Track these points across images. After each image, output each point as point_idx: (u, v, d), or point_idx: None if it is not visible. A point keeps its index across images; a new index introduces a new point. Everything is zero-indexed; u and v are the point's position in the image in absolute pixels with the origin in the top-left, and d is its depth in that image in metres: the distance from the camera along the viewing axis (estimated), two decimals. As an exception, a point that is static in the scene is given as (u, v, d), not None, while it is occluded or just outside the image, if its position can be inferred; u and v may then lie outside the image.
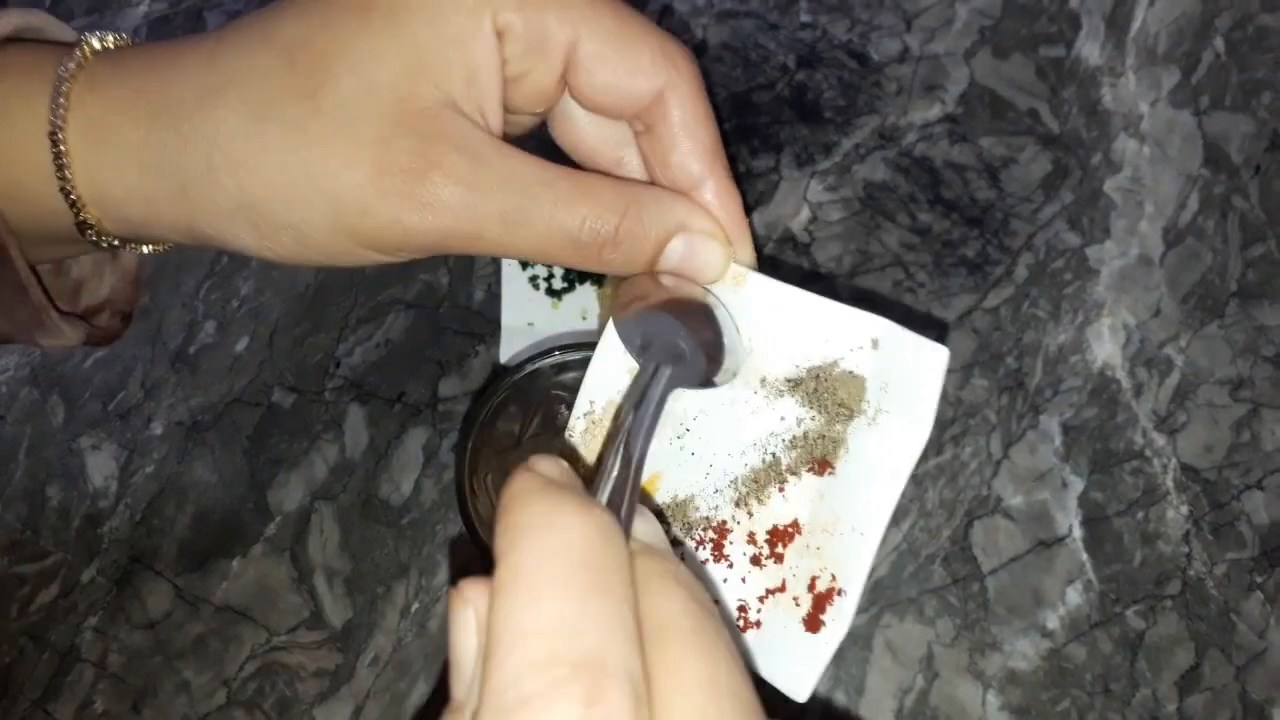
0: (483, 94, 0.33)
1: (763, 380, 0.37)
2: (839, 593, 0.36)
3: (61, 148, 0.34)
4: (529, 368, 0.58)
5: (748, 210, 0.61)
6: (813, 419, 0.36)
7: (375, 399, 0.74)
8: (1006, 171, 0.80)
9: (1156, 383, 0.73)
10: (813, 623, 0.36)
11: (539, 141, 0.38)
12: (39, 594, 0.70)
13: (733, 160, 0.80)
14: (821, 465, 0.37)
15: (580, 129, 0.38)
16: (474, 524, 0.57)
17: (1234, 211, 0.78)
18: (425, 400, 0.74)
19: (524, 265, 0.75)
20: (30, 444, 0.75)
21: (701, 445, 0.38)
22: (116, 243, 0.38)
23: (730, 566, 0.38)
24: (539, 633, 0.22)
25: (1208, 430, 0.72)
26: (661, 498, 0.39)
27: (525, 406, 0.61)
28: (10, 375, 0.76)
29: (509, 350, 0.73)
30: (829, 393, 0.36)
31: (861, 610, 0.68)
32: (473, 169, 0.32)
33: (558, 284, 0.75)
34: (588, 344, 0.56)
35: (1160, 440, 0.72)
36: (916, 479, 0.71)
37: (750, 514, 0.38)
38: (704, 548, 0.38)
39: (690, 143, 0.35)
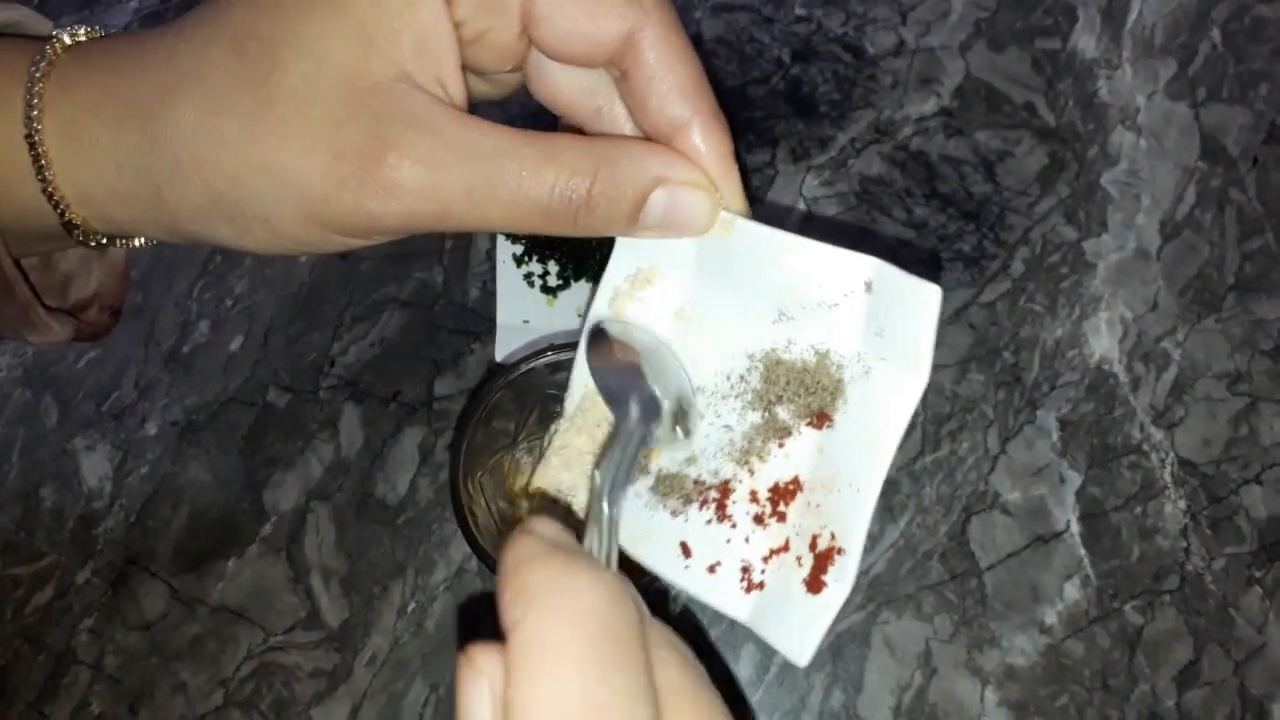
0: (437, 62, 0.32)
1: (760, 332, 0.37)
2: (839, 552, 0.35)
3: (39, 149, 0.34)
4: (524, 366, 0.58)
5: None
6: (810, 370, 0.36)
7: (370, 398, 0.74)
8: (1002, 165, 0.80)
9: (1154, 377, 0.73)
10: (815, 583, 0.35)
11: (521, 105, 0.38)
12: (34, 596, 0.70)
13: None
14: (820, 418, 0.36)
15: (555, 81, 0.36)
16: (469, 523, 0.57)
17: (1231, 204, 0.78)
18: (420, 399, 0.74)
19: (519, 263, 0.75)
20: (24, 445, 0.74)
21: (702, 402, 0.38)
22: (104, 240, 0.38)
23: (734, 527, 0.37)
24: (564, 710, 0.22)
25: (1205, 424, 0.72)
26: (666, 459, 0.39)
27: (521, 405, 0.61)
28: (3, 376, 0.76)
29: (504, 348, 0.73)
30: (826, 341, 0.35)
31: (859, 607, 0.68)
32: (431, 145, 0.31)
33: (553, 281, 0.74)
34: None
35: (1158, 435, 0.71)
36: (914, 475, 0.71)
37: (752, 472, 0.37)
38: (707, 508, 0.38)
39: (667, 84, 0.33)
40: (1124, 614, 0.67)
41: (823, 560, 0.35)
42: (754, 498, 0.37)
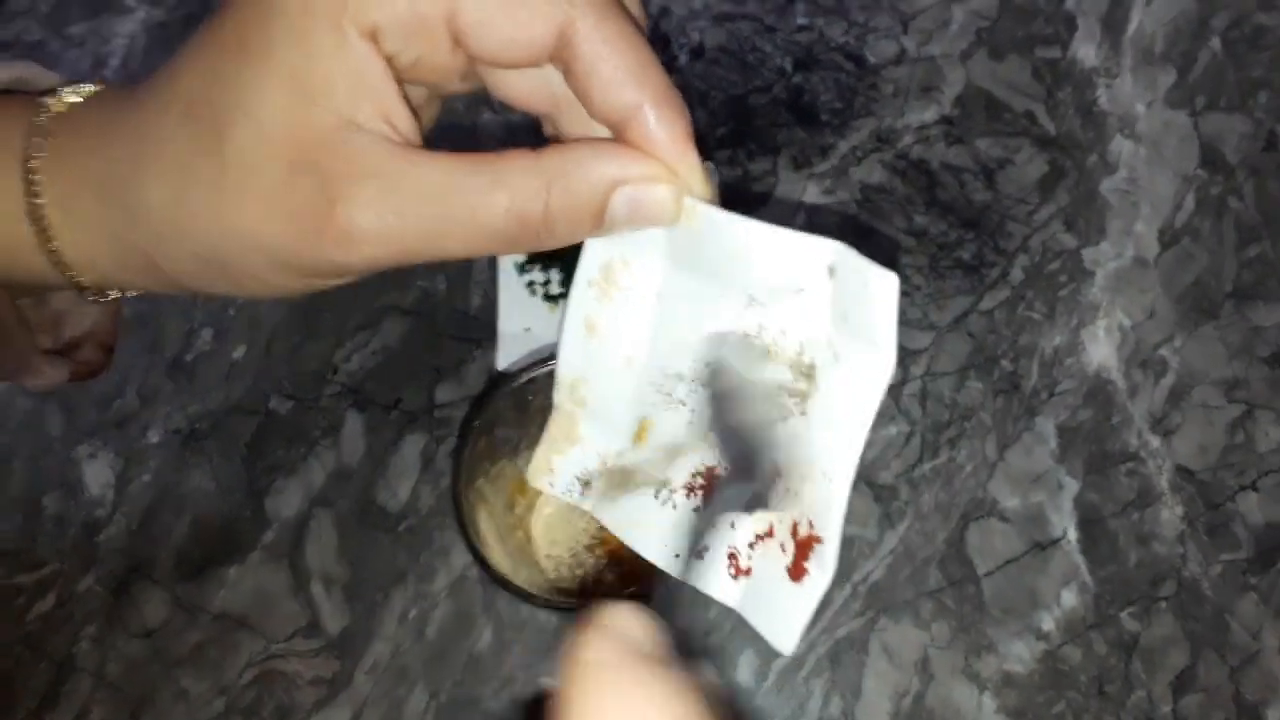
0: (378, 99, 0.31)
1: (731, 318, 0.36)
2: (818, 540, 0.35)
3: (44, 223, 0.34)
4: (526, 375, 0.59)
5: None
6: (782, 355, 0.36)
7: (372, 406, 0.75)
8: (1002, 173, 0.80)
9: (1151, 384, 0.73)
10: (797, 571, 0.35)
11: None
12: (36, 604, 0.70)
13: (730, 164, 0.80)
14: (796, 403, 0.36)
15: (507, 83, 0.35)
16: (471, 531, 0.57)
17: (1229, 212, 0.78)
18: (422, 407, 0.74)
19: (521, 270, 0.75)
20: (26, 453, 0.75)
21: (686, 391, 0.38)
22: (115, 294, 0.38)
23: (720, 513, 0.37)
24: None
25: (1202, 432, 0.72)
26: (653, 445, 0.39)
27: (523, 413, 0.61)
28: (5, 385, 0.76)
29: (506, 356, 0.73)
30: (795, 326, 0.35)
31: (857, 614, 0.68)
32: (379, 192, 0.30)
33: (555, 289, 0.75)
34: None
35: (1155, 442, 0.72)
36: (912, 482, 0.71)
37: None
38: (695, 495, 0.38)
39: (610, 71, 0.32)
40: (1121, 620, 0.68)
41: (804, 548, 0.35)
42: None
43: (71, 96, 0.36)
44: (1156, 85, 0.83)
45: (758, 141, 0.82)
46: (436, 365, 0.76)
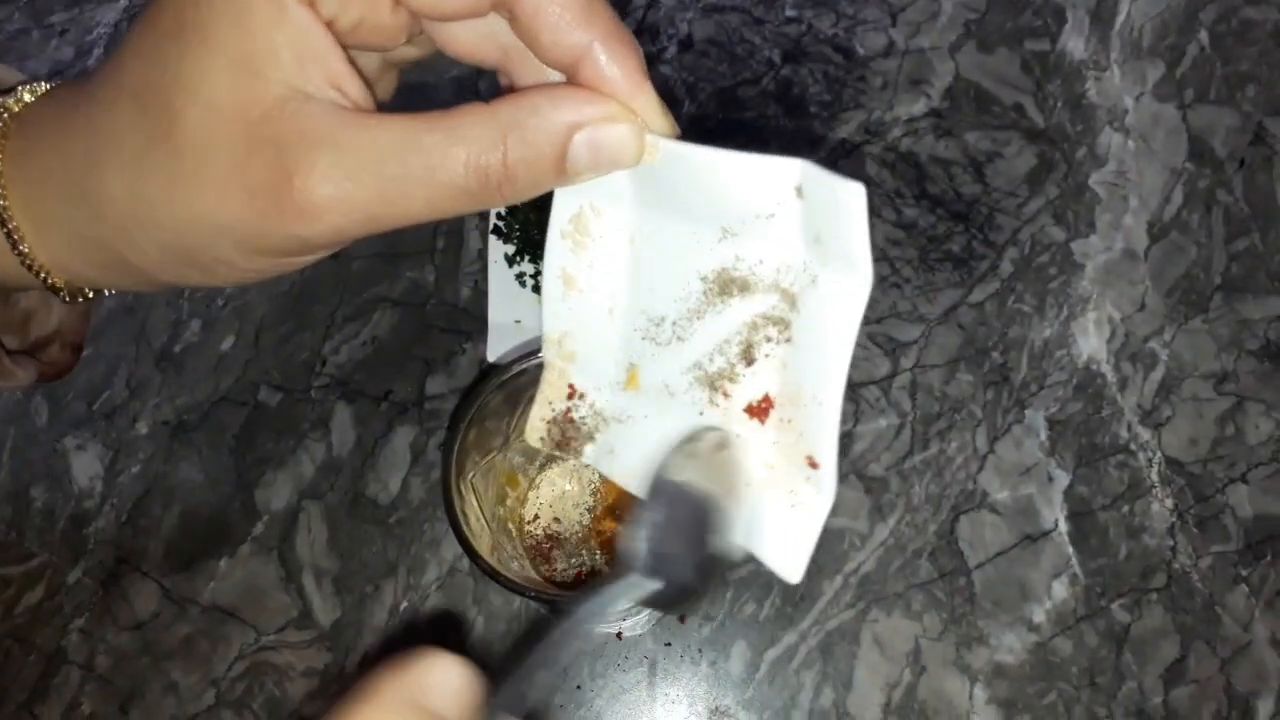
0: (324, 66, 0.31)
1: (707, 252, 0.36)
2: (815, 466, 0.35)
3: (10, 225, 0.34)
4: (516, 367, 0.58)
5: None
6: (762, 284, 0.36)
7: (362, 397, 0.74)
8: (992, 166, 0.80)
9: (1141, 377, 0.73)
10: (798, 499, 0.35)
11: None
12: (24, 596, 0.70)
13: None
14: (780, 330, 0.36)
15: (453, 39, 0.35)
16: (461, 523, 0.57)
17: (1218, 205, 0.78)
18: (412, 398, 0.74)
19: (511, 262, 0.75)
20: (14, 445, 0.74)
21: (671, 330, 0.38)
22: (91, 294, 0.37)
23: None
24: None
25: (1192, 424, 0.72)
26: (645, 389, 0.39)
27: (513, 405, 0.61)
28: (-6, 375, 0.76)
29: (497, 348, 0.73)
30: (771, 252, 0.35)
31: (849, 605, 0.68)
32: (333, 160, 0.30)
33: (544, 281, 0.74)
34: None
35: (1145, 434, 0.72)
36: (903, 474, 0.71)
37: (726, 395, 0.37)
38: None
39: (554, 13, 0.31)
40: (1111, 612, 0.68)
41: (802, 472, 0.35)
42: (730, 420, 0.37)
43: (26, 95, 0.35)
44: (1145, 78, 0.83)
45: (746, 133, 0.82)
46: (426, 357, 0.75)
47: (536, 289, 0.74)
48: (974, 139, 0.81)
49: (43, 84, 0.36)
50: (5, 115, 0.35)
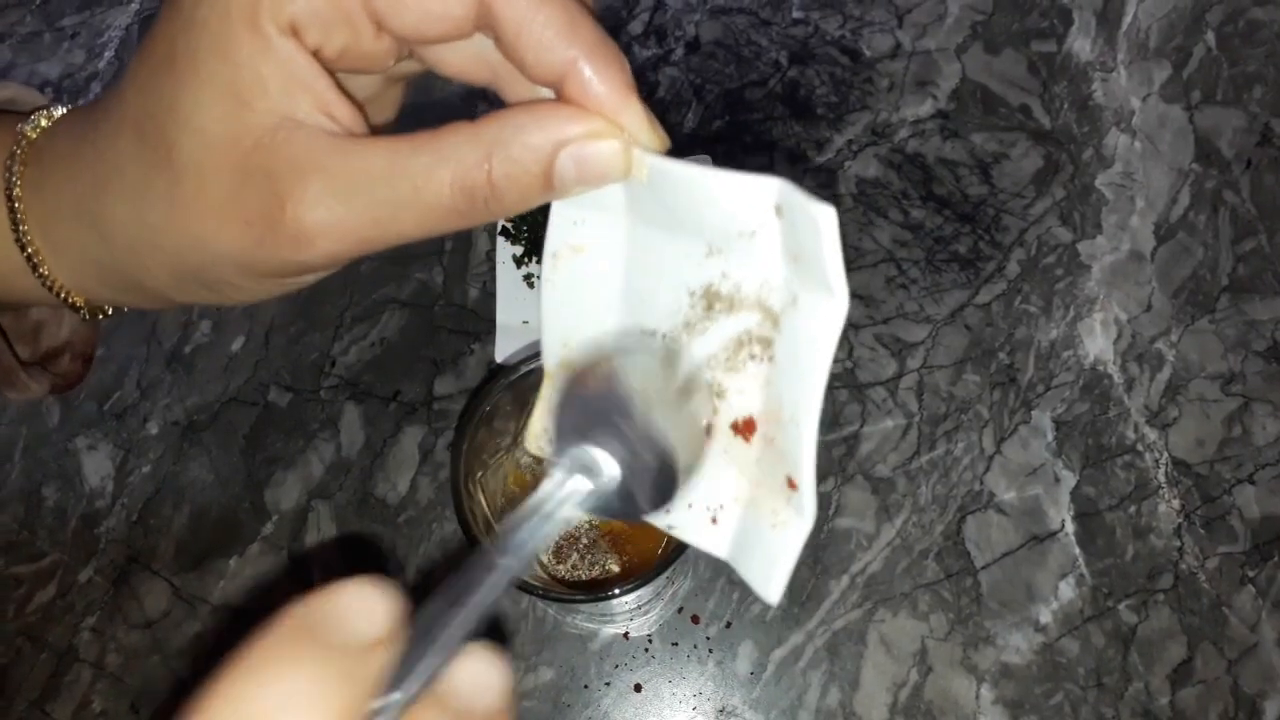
0: (312, 93, 0.31)
1: (695, 268, 0.36)
2: (794, 488, 0.35)
3: (30, 250, 0.35)
4: (524, 368, 0.59)
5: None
6: (746, 301, 0.36)
7: (371, 398, 0.75)
8: (998, 167, 0.80)
9: (1148, 378, 0.74)
10: (778, 520, 0.35)
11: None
12: (36, 594, 0.71)
13: (726, 158, 0.80)
14: (763, 348, 0.36)
15: (441, 60, 0.35)
16: (469, 523, 0.57)
17: (1225, 206, 0.78)
18: (421, 399, 0.74)
19: (519, 263, 0.75)
20: (26, 444, 0.75)
21: (662, 344, 0.38)
22: (110, 311, 0.38)
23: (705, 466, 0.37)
24: None
25: (1199, 425, 0.72)
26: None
27: (521, 406, 0.61)
28: (5, 376, 0.76)
29: (504, 349, 0.73)
30: (754, 271, 0.35)
31: (855, 605, 0.68)
32: (323, 186, 0.30)
33: (552, 282, 0.75)
34: (582, 344, 0.56)
35: (1152, 435, 0.72)
36: (910, 475, 0.71)
37: (715, 410, 0.37)
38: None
39: (537, 32, 0.31)
40: (1118, 613, 0.68)
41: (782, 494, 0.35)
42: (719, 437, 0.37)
43: (44, 122, 0.36)
44: (1152, 79, 0.83)
45: (753, 135, 0.82)
46: (435, 358, 0.76)
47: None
48: (980, 140, 0.81)
49: (59, 108, 0.37)
50: (24, 142, 0.35)
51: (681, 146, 0.77)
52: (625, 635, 0.68)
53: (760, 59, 0.85)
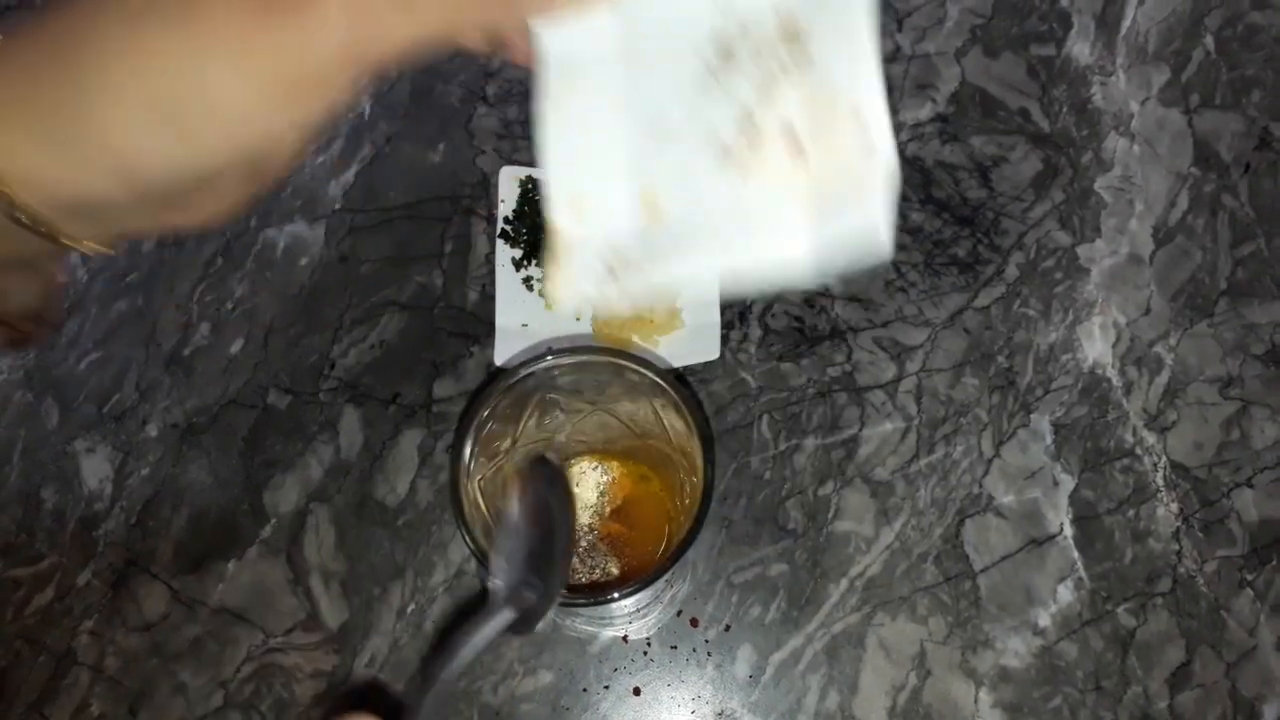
0: None
1: (702, 26, 0.36)
2: (867, 142, 0.33)
3: None
4: (524, 371, 0.59)
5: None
6: (761, 27, 0.35)
7: (370, 400, 0.75)
8: (997, 171, 0.80)
9: (1147, 381, 0.74)
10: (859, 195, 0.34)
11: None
12: (34, 597, 0.71)
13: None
14: (794, 59, 0.35)
15: None
16: (468, 526, 0.57)
17: (1224, 210, 0.79)
18: (420, 402, 0.74)
19: (518, 266, 0.75)
20: (24, 447, 0.75)
21: (680, 120, 0.37)
22: (89, 244, 0.35)
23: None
24: None
25: (1198, 428, 0.72)
26: (662, 210, 0.37)
27: (520, 408, 0.61)
28: (4, 378, 0.76)
29: (504, 352, 0.73)
30: (770, 17, 0.35)
31: (854, 609, 0.68)
32: None
33: (551, 285, 0.74)
34: (582, 347, 0.57)
35: (1150, 438, 0.72)
36: (909, 478, 0.71)
37: (753, 150, 0.36)
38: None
39: None
40: (1117, 616, 0.68)
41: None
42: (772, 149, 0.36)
43: None
44: (1151, 83, 0.83)
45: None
46: (434, 360, 0.76)
47: (544, 293, 0.75)
48: (979, 144, 0.81)
49: None
50: None
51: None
52: (624, 638, 0.68)
53: (759, 62, 0.85)
